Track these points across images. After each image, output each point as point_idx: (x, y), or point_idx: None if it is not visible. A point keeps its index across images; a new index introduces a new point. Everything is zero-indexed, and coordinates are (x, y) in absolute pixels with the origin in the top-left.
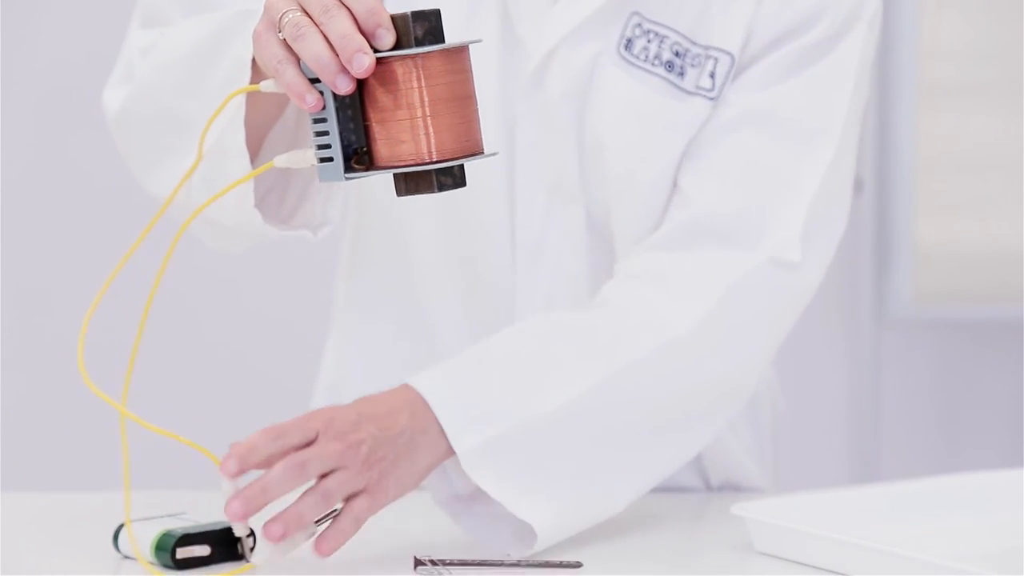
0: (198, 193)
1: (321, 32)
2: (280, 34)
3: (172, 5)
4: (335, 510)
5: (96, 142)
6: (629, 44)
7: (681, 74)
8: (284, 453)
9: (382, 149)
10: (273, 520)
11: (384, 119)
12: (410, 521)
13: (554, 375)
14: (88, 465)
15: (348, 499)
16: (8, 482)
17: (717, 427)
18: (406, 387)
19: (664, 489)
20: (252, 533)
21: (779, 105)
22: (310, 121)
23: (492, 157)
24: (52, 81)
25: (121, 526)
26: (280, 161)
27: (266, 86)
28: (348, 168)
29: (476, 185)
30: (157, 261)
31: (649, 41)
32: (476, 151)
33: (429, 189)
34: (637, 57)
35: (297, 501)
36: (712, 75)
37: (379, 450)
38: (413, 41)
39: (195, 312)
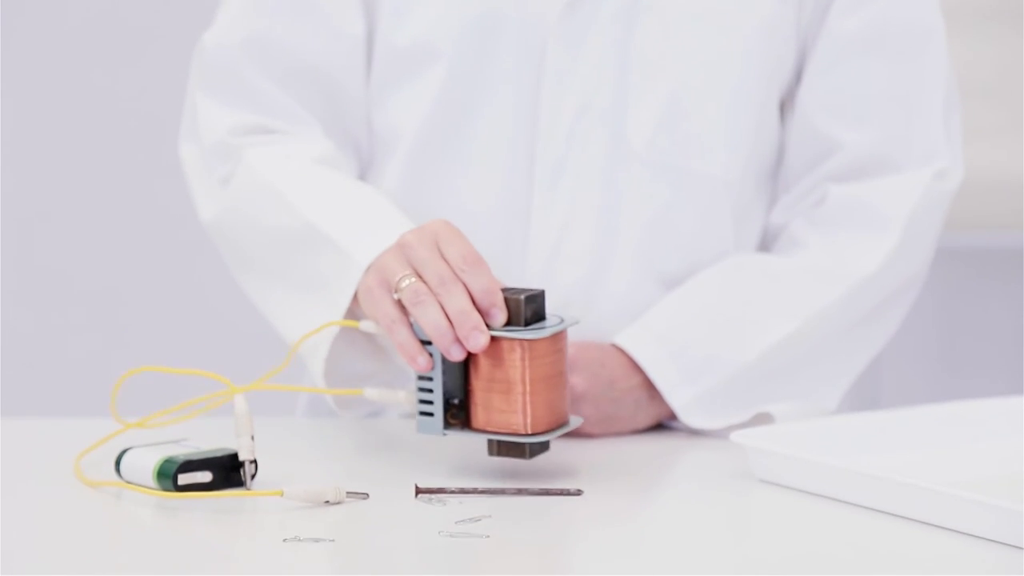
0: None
1: (439, 302)
2: (395, 295)
3: (249, 66)
4: (367, 494)
5: (99, 132)
6: None
7: None
8: None
9: (481, 413)
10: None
11: (486, 388)
12: (411, 450)
13: (754, 323)
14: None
15: None
16: (9, 407)
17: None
18: (618, 348)
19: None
20: (254, 460)
21: (884, 23)
22: (415, 376)
23: (578, 423)
24: (55, 72)
25: (124, 451)
26: (370, 394)
27: (366, 327)
28: (446, 423)
29: (499, 108)
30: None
31: None
32: (564, 422)
33: (520, 455)
34: None
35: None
36: None
37: (605, 405)
38: (523, 322)
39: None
